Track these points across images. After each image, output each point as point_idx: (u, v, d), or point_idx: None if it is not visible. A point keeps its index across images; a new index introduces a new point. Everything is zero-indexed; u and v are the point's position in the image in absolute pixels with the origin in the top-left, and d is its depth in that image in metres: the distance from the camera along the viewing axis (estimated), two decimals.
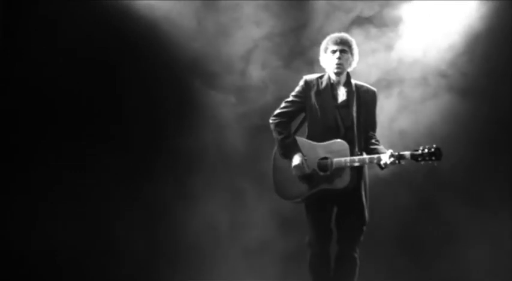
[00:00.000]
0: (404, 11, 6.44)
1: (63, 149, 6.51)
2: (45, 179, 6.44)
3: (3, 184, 6.43)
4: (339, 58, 4.74)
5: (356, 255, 4.73)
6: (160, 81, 6.67)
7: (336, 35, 4.82)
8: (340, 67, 4.76)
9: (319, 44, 4.89)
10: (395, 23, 6.46)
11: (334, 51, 4.76)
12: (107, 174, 6.50)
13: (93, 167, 6.53)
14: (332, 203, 4.74)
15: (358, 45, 4.87)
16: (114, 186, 6.51)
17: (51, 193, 6.44)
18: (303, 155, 4.69)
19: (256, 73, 6.60)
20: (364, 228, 4.73)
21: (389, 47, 6.46)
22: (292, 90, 4.87)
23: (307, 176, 4.67)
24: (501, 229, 6.31)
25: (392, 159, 4.49)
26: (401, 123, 6.38)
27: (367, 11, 6.48)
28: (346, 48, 4.76)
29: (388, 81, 6.44)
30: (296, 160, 4.67)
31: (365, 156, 4.65)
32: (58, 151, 6.51)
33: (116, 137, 6.59)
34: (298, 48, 6.57)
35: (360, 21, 6.45)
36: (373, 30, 6.43)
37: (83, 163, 6.52)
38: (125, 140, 6.59)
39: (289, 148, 4.73)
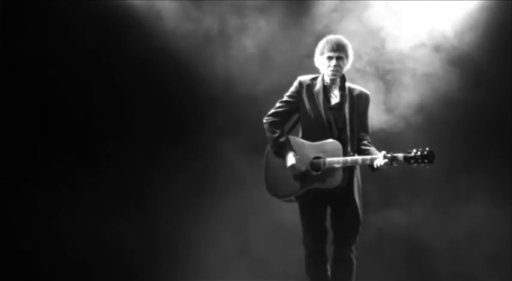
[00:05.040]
0: (403, 10, 6.45)
1: (63, 150, 6.58)
2: (49, 178, 6.51)
3: (5, 184, 6.49)
4: (336, 66, 4.74)
5: (352, 255, 4.74)
6: (164, 80, 6.73)
7: (333, 39, 4.77)
8: (336, 74, 4.77)
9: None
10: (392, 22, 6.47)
11: (330, 58, 4.74)
12: (108, 173, 6.55)
13: (95, 167, 6.58)
14: (325, 204, 4.75)
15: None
16: (115, 186, 6.54)
17: (53, 192, 6.50)
18: (296, 154, 4.71)
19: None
20: (360, 228, 4.74)
21: (385, 46, 6.48)
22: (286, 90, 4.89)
23: (300, 174, 4.68)
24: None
25: (385, 160, 4.50)
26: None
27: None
28: (342, 54, 4.75)
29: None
30: (291, 159, 4.69)
31: (358, 157, 4.67)
32: (60, 152, 6.58)
33: (116, 137, 6.63)
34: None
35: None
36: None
37: (84, 163, 6.57)
38: (125, 140, 6.63)
39: (282, 147, 4.75)
